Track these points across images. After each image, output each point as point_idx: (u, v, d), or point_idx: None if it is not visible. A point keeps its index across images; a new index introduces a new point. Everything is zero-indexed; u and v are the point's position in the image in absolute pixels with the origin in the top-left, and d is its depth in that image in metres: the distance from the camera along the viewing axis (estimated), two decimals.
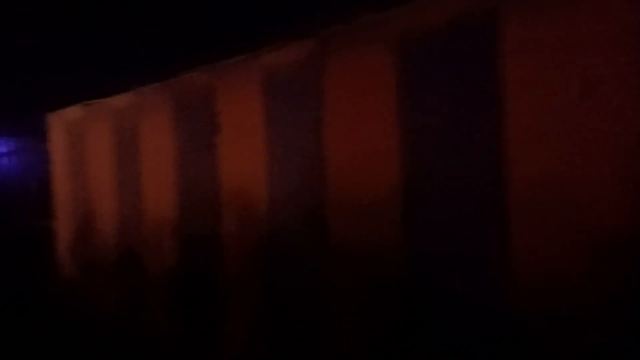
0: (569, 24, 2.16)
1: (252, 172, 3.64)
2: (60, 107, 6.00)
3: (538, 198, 2.26)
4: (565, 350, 2.21)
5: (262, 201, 3.58)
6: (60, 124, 6.05)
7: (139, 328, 4.88)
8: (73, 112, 5.79)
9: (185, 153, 4.28)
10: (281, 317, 3.52)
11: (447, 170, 2.63)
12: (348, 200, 3.00)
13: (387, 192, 2.82)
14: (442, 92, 2.63)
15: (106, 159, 5.23)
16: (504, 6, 2.36)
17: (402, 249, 2.79)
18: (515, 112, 2.33)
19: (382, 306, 2.91)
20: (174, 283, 4.45)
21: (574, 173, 2.15)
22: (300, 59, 3.26)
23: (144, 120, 4.69)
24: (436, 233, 2.68)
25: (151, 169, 4.65)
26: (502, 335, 2.42)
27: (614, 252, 2.05)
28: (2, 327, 6.01)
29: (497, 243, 2.41)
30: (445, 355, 2.65)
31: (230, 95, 3.82)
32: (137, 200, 4.80)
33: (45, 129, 6.28)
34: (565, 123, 2.17)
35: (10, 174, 8.99)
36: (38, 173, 7.61)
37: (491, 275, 2.45)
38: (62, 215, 6.12)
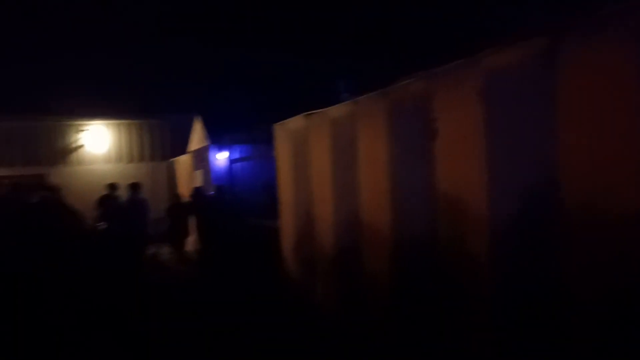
0: None
1: (470, 179, 3.52)
2: (285, 117, 6.66)
3: None
4: None
5: (482, 209, 3.43)
6: (285, 133, 6.69)
7: (354, 323, 5.12)
8: (295, 122, 6.35)
9: (400, 158, 4.34)
10: (510, 328, 3.33)
11: None
12: (591, 214, 2.67)
13: None
14: None
15: (324, 164, 5.61)
16: None
17: None
18: None
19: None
20: (388, 284, 4.56)
21: None
22: (527, 59, 3.03)
23: (361, 127, 4.90)
24: None
25: (367, 174, 4.83)
26: None
27: None
28: (239, 313, 6.89)
29: None
30: None
31: (447, 101, 3.75)
32: (354, 202, 5.03)
33: (272, 137, 7.03)
34: None
35: (245, 178, 10.29)
36: (268, 177, 8.54)
37: None
38: (286, 215, 6.77)
